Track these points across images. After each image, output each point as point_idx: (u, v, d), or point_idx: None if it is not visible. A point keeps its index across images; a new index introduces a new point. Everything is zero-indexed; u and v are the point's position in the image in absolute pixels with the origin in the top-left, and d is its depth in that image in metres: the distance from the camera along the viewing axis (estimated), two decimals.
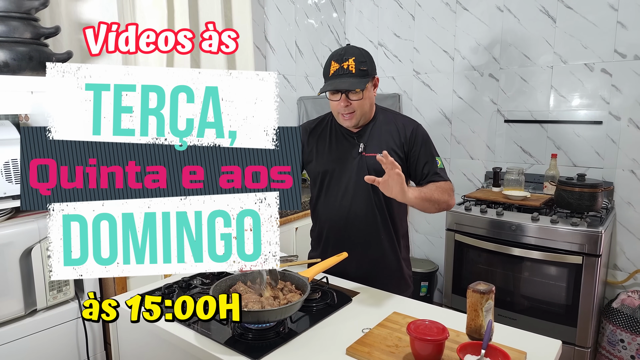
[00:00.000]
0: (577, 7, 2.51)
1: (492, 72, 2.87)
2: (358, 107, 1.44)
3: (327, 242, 1.59)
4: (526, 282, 2.31)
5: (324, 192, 1.58)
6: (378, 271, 1.55)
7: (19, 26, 1.41)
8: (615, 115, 2.48)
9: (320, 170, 1.57)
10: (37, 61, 1.46)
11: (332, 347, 1.07)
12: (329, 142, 1.56)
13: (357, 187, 1.51)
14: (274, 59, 2.96)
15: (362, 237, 1.53)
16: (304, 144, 1.61)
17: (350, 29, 3.50)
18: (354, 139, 1.53)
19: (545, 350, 1.06)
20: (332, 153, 1.55)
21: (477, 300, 1.04)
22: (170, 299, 1.33)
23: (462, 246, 2.50)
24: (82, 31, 1.00)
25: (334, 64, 1.42)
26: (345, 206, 1.53)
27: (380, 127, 1.54)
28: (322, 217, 1.61)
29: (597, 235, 2.08)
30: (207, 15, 2.37)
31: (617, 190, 2.52)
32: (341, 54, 1.42)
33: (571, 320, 2.19)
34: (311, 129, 1.62)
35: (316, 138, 1.60)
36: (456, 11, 2.96)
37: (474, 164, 3.04)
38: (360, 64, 1.41)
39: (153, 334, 1.21)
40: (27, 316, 1.45)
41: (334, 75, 1.42)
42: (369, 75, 1.44)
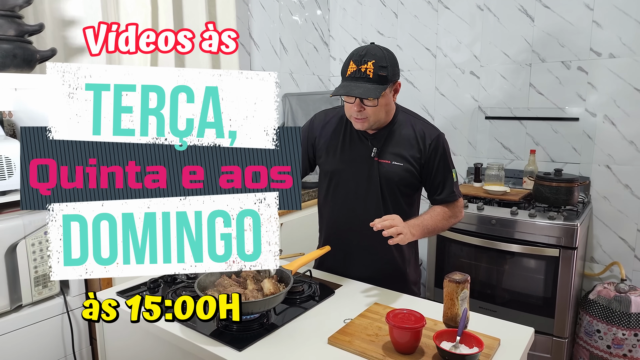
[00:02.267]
0: (555, 7, 2.58)
1: (473, 70, 2.93)
2: (372, 113, 1.35)
3: (332, 245, 1.51)
4: (506, 274, 2.38)
5: (331, 192, 1.52)
6: (382, 277, 1.49)
7: (3, 24, 1.41)
8: (591, 112, 2.55)
9: (329, 170, 1.51)
10: (21, 58, 1.46)
11: (315, 338, 1.11)
12: (342, 141, 1.49)
13: (366, 193, 1.44)
14: (258, 55, 2.98)
15: (368, 242, 1.45)
16: (315, 136, 1.53)
17: (335, 26, 3.53)
18: (368, 142, 1.45)
19: (518, 337, 1.11)
20: (345, 153, 1.47)
21: (452, 290, 1.08)
22: (156, 294, 1.35)
23: (444, 240, 2.55)
24: (82, 31, 1.00)
25: (352, 64, 1.32)
26: (353, 210, 1.47)
27: (398, 131, 1.45)
28: (328, 219, 1.57)
29: (573, 228, 2.16)
30: (191, 12, 2.38)
31: (594, 185, 2.60)
32: (362, 54, 1.31)
33: (549, 311, 2.26)
34: (326, 122, 1.54)
35: (330, 132, 1.51)
36: (438, 9, 3.01)
37: (456, 159, 3.09)
38: (379, 69, 1.29)
39: (139, 327, 1.23)
40: (12, 311, 1.46)
41: (350, 77, 1.32)
42: (388, 81, 1.32)
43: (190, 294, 1.25)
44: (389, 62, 1.33)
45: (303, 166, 1.55)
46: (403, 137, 1.44)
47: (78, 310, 1.60)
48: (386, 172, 1.43)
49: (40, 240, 1.48)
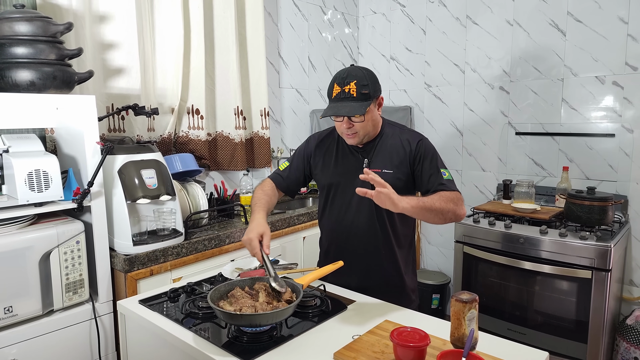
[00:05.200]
0: (587, 21, 2.52)
1: (502, 85, 2.88)
2: (360, 128, 1.47)
3: (331, 253, 1.64)
4: (536, 296, 2.30)
5: (329, 204, 1.62)
6: (379, 284, 1.57)
7: (45, 48, 1.54)
8: (628, 128, 2.45)
9: (325, 183, 1.62)
10: (60, 80, 1.58)
11: (321, 352, 1.12)
12: (336, 156, 1.61)
13: (360, 201, 1.52)
14: (287, 73, 3.06)
15: (363, 250, 1.56)
16: (310, 154, 1.66)
17: (363, 43, 3.58)
18: (359, 155, 1.57)
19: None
20: (338, 167, 1.59)
21: (459, 309, 1.07)
22: (176, 303, 1.40)
23: (471, 258, 2.50)
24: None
25: (337, 86, 1.44)
26: (348, 219, 1.57)
27: (386, 142, 1.55)
28: (326, 229, 1.67)
29: (606, 249, 2.06)
30: (222, 34, 2.49)
31: (632, 204, 2.48)
32: (343, 77, 1.43)
33: (582, 336, 2.16)
34: (320, 141, 1.67)
35: (324, 150, 1.64)
36: (466, 26, 2.99)
37: (485, 175, 3.04)
38: (361, 87, 1.41)
39: (156, 335, 1.29)
40: (44, 316, 1.55)
41: (336, 99, 1.44)
42: (371, 97, 1.43)
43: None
44: (369, 80, 1.43)
45: (298, 180, 1.69)
46: (391, 147, 1.54)
47: (105, 317, 1.68)
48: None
49: (72, 249, 1.58)
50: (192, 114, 2.41)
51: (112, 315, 1.69)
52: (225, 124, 2.57)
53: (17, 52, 1.51)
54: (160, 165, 1.83)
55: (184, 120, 2.41)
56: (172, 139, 2.38)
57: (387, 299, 1.45)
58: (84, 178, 1.65)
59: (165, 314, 1.32)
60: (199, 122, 2.43)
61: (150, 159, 1.81)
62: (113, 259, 1.72)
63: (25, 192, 1.49)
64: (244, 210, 2.20)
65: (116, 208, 1.72)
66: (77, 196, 1.55)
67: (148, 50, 2.20)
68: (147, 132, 2.23)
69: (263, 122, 2.74)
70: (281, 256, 2.25)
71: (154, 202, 1.79)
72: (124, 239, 1.72)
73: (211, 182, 2.59)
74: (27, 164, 1.50)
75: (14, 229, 1.49)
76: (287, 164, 1.70)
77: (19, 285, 1.47)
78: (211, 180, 2.62)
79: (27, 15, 1.54)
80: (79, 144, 1.65)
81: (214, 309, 1.15)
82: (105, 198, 1.67)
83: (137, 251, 1.72)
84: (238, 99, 2.56)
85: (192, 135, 2.42)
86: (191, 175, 2.28)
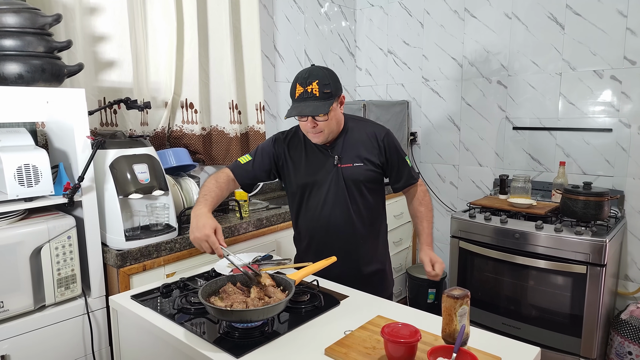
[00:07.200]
0: (586, 14, 2.49)
1: (500, 79, 2.86)
2: (325, 126, 1.50)
3: (312, 250, 1.67)
4: (531, 290, 2.30)
5: (305, 203, 1.65)
6: (362, 274, 1.65)
7: (33, 41, 1.52)
8: (625, 123, 2.44)
9: (300, 184, 1.63)
10: (49, 73, 1.55)
11: (312, 347, 1.11)
12: (305, 156, 1.63)
13: (335, 197, 1.59)
14: (283, 67, 3.03)
15: (343, 243, 1.62)
16: (279, 155, 1.66)
17: (361, 36, 3.55)
18: (328, 152, 1.60)
19: (522, 356, 1.07)
20: (309, 166, 1.62)
21: (451, 305, 1.06)
22: (169, 298, 1.39)
23: (467, 253, 2.49)
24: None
25: (299, 87, 1.47)
26: (325, 215, 1.61)
27: (352, 137, 1.61)
28: (304, 227, 1.69)
29: (601, 244, 2.06)
30: (216, 27, 2.46)
31: (628, 199, 2.47)
32: (305, 77, 1.46)
33: (576, 330, 2.16)
34: (287, 142, 1.67)
35: (292, 151, 1.66)
36: (464, 19, 2.96)
37: (482, 170, 3.03)
38: (323, 87, 1.44)
39: (148, 331, 1.28)
40: (36, 311, 1.54)
41: (299, 99, 1.47)
42: (333, 96, 1.47)
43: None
44: (331, 79, 1.47)
45: (259, 177, 1.67)
46: (357, 140, 1.60)
47: (98, 312, 1.67)
48: (350, 175, 1.58)
49: (64, 244, 1.56)
50: (186, 108, 2.39)
51: (104, 311, 1.68)
52: (220, 118, 2.55)
53: (4, 45, 1.48)
54: (153, 159, 1.81)
55: (178, 114, 2.39)
56: (166, 134, 2.36)
57: (372, 286, 1.54)
58: (75, 173, 1.64)
59: (157, 309, 1.31)
60: (193, 117, 2.41)
61: (143, 153, 1.79)
62: (105, 254, 1.71)
63: (14, 186, 1.47)
64: (239, 205, 2.18)
65: (108, 203, 1.71)
66: (67, 191, 1.54)
67: (140, 43, 2.17)
68: (141, 127, 2.20)
69: (259, 117, 2.72)
70: (275, 251, 2.24)
71: (147, 197, 1.78)
72: (116, 234, 1.70)
73: (206, 177, 2.58)
74: (16, 158, 1.48)
75: (4, 224, 1.48)
76: (250, 157, 1.66)
77: (10, 281, 1.46)
78: (206, 175, 2.60)
79: (15, 6, 1.51)
80: (69, 138, 1.63)
81: (204, 305, 1.14)
82: (96, 193, 1.65)
83: (129, 246, 1.71)
84: (233, 93, 2.53)
85: (186, 130, 2.40)
86: (185, 170, 2.26)
